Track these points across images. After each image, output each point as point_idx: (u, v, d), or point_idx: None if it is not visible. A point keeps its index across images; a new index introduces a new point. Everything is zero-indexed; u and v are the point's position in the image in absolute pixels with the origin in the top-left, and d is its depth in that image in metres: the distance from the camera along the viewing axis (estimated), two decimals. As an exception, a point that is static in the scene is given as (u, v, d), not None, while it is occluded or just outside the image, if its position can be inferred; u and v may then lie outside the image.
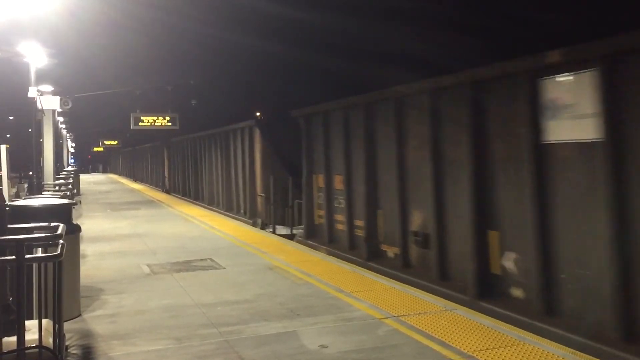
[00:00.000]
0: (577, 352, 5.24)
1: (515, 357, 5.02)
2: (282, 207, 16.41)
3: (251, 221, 17.36)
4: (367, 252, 10.79)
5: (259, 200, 17.63)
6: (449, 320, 6.10)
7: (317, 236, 13.27)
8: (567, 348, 5.34)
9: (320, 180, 13.17)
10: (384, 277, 8.69)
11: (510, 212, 7.55)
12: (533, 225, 7.00)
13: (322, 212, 13.02)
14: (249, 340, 5.63)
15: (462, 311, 6.53)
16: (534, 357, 5.01)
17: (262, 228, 16.38)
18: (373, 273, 8.97)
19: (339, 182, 12.24)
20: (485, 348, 5.25)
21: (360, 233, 11.22)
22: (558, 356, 5.03)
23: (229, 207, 21.03)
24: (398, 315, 6.30)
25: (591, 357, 5.10)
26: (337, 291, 7.48)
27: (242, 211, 19.40)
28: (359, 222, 11.31)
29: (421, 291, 7.73)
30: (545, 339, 5.61)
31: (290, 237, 14.46)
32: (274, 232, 15.56)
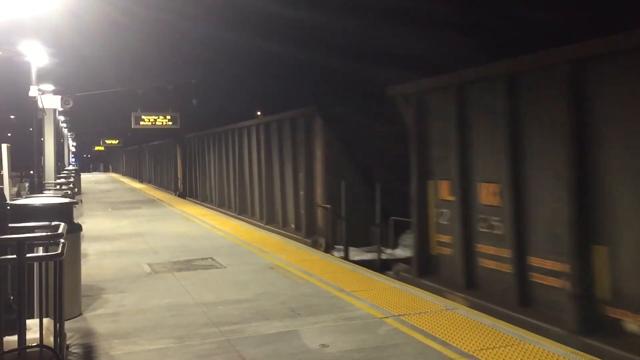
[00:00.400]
0: (577, 351, 5.24)
1: (516, 357, 5.02)
2: (358, 223, 12.41)
3: (309, 240, 13.26)
4: (576, 318, 6.45)
5: (320, 213, 13.46)
6: (450, 320, 6.10)
7: (436, 273, 9.13)
8: (568, 347, 5.33)
9: (444, 188, 9.04)
10: (384, 276, 8.64)
11: None
12: None
13: (446, 239, 8.95)
14: (250, 339, 5.63)
15: (462, 310, 6.53)
16: (534, 357, 5.01)
17: (327, 250, 12.31)
18: (373, 273, 8.92)
19: (487, 194, 8.05)
20: (486, 347, 5.25)
21: (551, 282, 6.99)
22: (559, 355, 5.02)
23: (269, 219, 16.64)
24: (399, 315, 6.30)
25: (591, 357, 5.10)
26: (338, 290, 7.48)
27: (292, 225, 15.17)
28: (541, 262, 7.15)
29: (422, 290, 7.70)
30: (546, 339, 5.61)
31: (373, 266, 10.38)
32: (346, 257, 11.80)
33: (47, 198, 7.83)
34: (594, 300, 6.35)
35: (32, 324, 3.99)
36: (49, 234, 4.45)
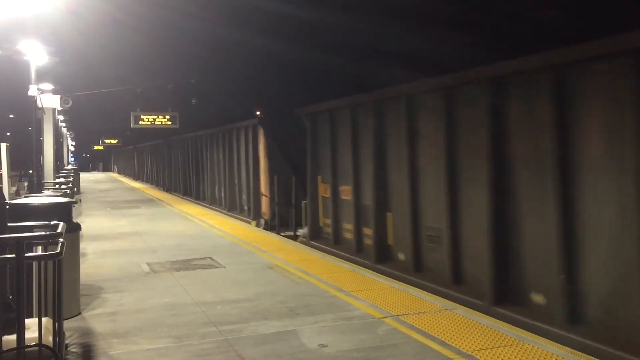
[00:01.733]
0: (575, 351, 5.25)
1: (515, 357, 5.02)
2: (286, 207, 16.15)
3: (255, 221, 17.24)
4: (376, 254, 10.86)
5: (263, 200, 17.35)
6: (449, 320, 6.11)
7: (321, 238, 13.29)
8: (566, 348, 5.35)
9: (324, 188, 13.28)
10: (384, 276, 8.69)
11: None
12: None
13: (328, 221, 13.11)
14: (249, 339, 5.63)
15: (461, 310, 6.53)
16: (533, 357, 5.01)
17: (265, 228, 16.17)
18: (373, 272, 8.97)
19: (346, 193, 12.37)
20: (485, 347, 5.26)
21: (367, 240, 11.25)
22: (557, 356, 5.03)
23: (232, 207, 20.67)
24: (398, 315, 6.31)
25: (590, 357, 5.11)
26: (337, 290, 7.48)
27: (245, 210, 19.18)
28: (350, 226, 11.75)
29: (420, 290, 7.73)
30: (544, 339, 5.62)
31: (293, 238, 14.30)
32: (278, 232, 15.38)
33: (46, 197, 7.83)
34: (385, 244, 10.68)
35: (31, 323, 3.99)
36: (48, 233, 4.46)
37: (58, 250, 3.99)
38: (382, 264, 10.38)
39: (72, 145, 58.80)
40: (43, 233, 4.50)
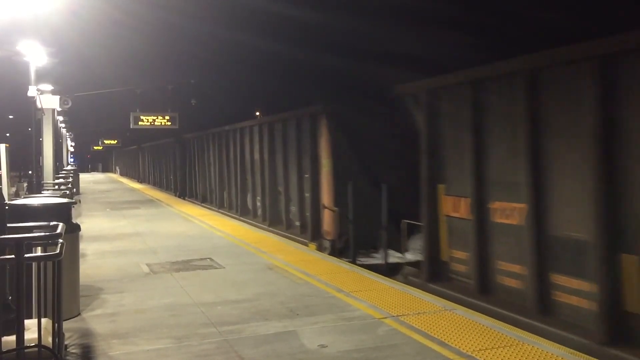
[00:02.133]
0: (574, 351, 5.25)
1: (514, 357, 5.02)
2: (367, 225, 11.76)
3: (314, 243, 12.94)
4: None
5: (326, 215, 12.92)
6: (448, 320, 6.10)
7: (448, 280, 8.84)
8: (566, 348, 5.34)
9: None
10: (383, 277, 8.67)
11: None
12: None
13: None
14: (248, 339, 5.63)
15: (461, 311, 6.53)
16: (532, 357, 5.01)
17: (332, 254, 11.69)
18: (373, 273, 8.95)
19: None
20: (485, 348, 5.25)
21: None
22: (557, 356, 5.03)
23: (273, 220, 16.22)
24: (397, 315, 6.30)
25: (589, 357, 5.10)
26: (336, 291, 7.48)
27: (296, 227, 14.74)
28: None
29: (420, 291, 7.72)
30: (544, 339, 5.62)
31: (381, 270, 9.99)
32: (353, 260, 11.23)
33: (45, 198, 7.83)
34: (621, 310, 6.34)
35: (30, 324, 3.99)
36: (48, 234, 4.45)
37: (58, 251, 3.98)
38: (615, 346, 6.00)
39: (71, 146, 58.77)
40: (42, 234, 4.50)
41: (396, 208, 10.91)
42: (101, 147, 73.42)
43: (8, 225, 4.42)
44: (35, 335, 3.77)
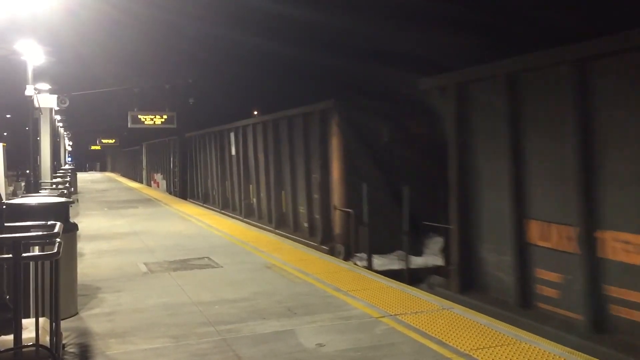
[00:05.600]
0: (573, 350, 5.25)
1: (512, 356, 5.03)
2: (383, 230, 11.22)
3: (326, 247, 12.22)
4: None
5: (338, 217, 12.30)
6: (446, 319, 6.11)
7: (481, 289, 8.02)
8: (564, 347, 5.35)
9: None
10: (381, 276, 8.68)
11: None
12: None
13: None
14: (246, 338, 5.63)
15: (459, 310, 6.54)
16: (530, 356, 5.02)
17: (346, 259, 11.28)
18: (371, 272, 8.96)
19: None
20: (482, 347, 5.26)
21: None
22: (555, 355, 5.04)
23: (279, 222, 15.57)
24: (395, 314, 6.31)
25: (588, 357, 5.11)
26: (334, 290, 7.48)
27: (305, 229, 13.96)
28: None
29: (419, 290, 7.73)
30: (542, 339, 5.62)
31: (402, 277, 9.57)
32: (369, 266, 10.61)
33: (43, 197, 7.81)
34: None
35: (28, 323, 3.98)
36: (45, 233, 4.44)
37: (55, 250, 3.98)
38: None
39: (69, 145, 58.71)
40: (40, 233, 4.49)
41: (412, 211, 10.48)
42: (99, 147, 73.37)
43: (5, 224, 4.42)
44: (33, 335, 3.77)
